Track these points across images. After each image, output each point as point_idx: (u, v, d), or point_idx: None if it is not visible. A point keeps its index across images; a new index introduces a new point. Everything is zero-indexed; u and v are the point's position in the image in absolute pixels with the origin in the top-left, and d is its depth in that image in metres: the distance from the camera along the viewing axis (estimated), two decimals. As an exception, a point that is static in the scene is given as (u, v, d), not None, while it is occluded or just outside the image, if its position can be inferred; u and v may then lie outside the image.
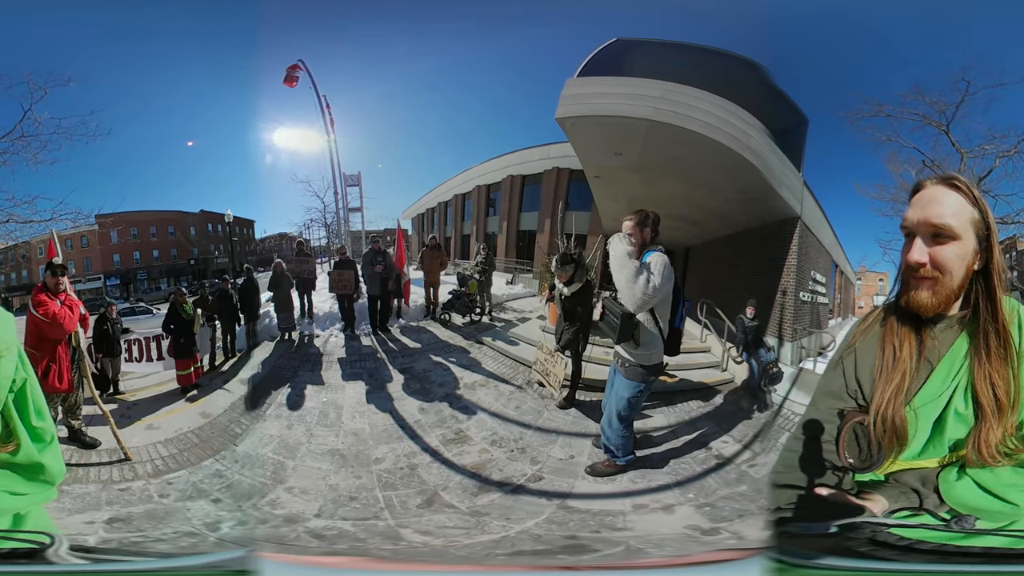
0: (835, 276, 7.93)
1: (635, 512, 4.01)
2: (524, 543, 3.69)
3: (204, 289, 7.01)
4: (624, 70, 6.83)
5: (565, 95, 6.57)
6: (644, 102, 6.27)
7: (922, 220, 1.54)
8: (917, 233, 1.56)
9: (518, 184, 9.09)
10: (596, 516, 3.99)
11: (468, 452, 4.86)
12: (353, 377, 6.17)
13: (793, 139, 6.70)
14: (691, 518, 3.92)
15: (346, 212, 8.96)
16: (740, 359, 6.25)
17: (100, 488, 4.35)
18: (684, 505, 4.07)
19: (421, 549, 3.68)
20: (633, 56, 6.93)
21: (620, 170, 7.29)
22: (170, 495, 4.34)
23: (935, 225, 1.52)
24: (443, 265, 8.18)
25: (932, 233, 1.53)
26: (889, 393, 1.61)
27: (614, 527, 3.84)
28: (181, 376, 6.13)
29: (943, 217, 1.51)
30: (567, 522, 3.93)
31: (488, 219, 9.77)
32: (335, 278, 7.34)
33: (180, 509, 4.15)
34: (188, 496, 4.34)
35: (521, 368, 6.43)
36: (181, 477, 4.58)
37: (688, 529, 3.79)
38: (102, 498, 4.21)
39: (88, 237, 7.53)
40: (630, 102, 6.37)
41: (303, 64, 7.70)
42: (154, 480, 4.52)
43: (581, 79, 6.77)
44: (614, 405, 4.30)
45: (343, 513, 4.06)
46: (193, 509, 4.15)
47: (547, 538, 3.75)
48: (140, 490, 4.38)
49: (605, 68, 6.79)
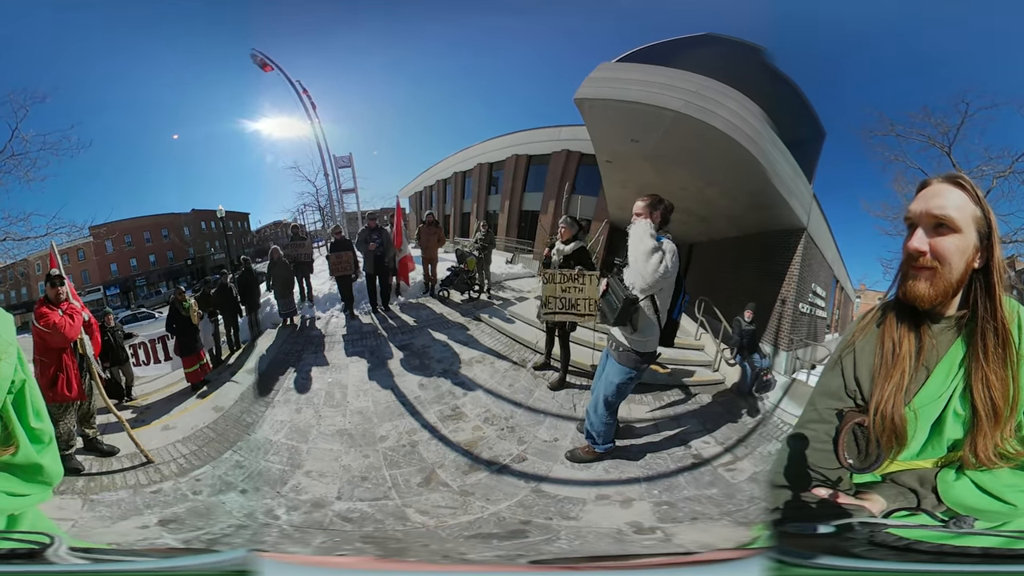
0: (835, 291, 7.93)
1: (595, 502, 4.05)
2: (488, 525, 3.76)
3: (206, 285, 7.02)
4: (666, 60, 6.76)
5: (593, 77, 6.50)
6: (677, 94, 6.24)
7: (924, 211, 1.56)
8: (919, 224, 1.58)
9: (523, 163, 8.98)
10: (559, 503, 4.03)
11: (463, 429, 4.96)
12: (355, 355, 6.27)
13: (809, 150, 6.69)
14: (640, 515, 3.94)
15: (340, 194, 8.91)
16: (733, 361, 6.24)
17: (131, 493, 4.40)
18: (644, 501, 4.09)
19: (418, 530, 3.74)
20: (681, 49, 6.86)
21: (634, 157, 7.24)
22: (203, 492, 4.41)
23: (937, 216, 1.54)
24: (441, 242, 8.15)
25: (934, 224, 1.55)
26: (889, 390, 1.61)
27: (567, 515, 3.89)
28: (189, 373, 6.19)
29: (944, 209, 1.54)
30: (532, 506, 3.99)
31: (489, 197, 9.66)
32: (334, 261, 7.31)
33: (217, 504, 4.26)
34: (219, 490, 4.43)
35: (517, 346, 6.46)
36: (207, 472, 4.66)
37: (626, 525, 3.81)
38: (138, 502, 4.28)
39: (84, 250, 7.47)
40: (662, 91, 6.32)
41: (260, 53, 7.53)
42: (182, 479, 4.59)
43: (616, 63, 6.70)
44: (602, 390, 4.29)
45: (359, 494, 4.16)
46: (229, 502, 4.24)
47: (507, 521, 3.81)
48: (172, 489, 4.44)
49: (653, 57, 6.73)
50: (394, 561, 3.18)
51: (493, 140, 9.38)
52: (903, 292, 1.62)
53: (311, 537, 3.69)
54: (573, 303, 5.05)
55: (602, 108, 6.66)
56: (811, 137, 6.65)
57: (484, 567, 3.07)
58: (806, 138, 6.62)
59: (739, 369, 6.11)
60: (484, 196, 9.69)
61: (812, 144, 6.69)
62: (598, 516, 3.90)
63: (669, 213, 4.15)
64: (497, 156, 9.34)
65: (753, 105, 6.31)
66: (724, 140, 6.17)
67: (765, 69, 6.36)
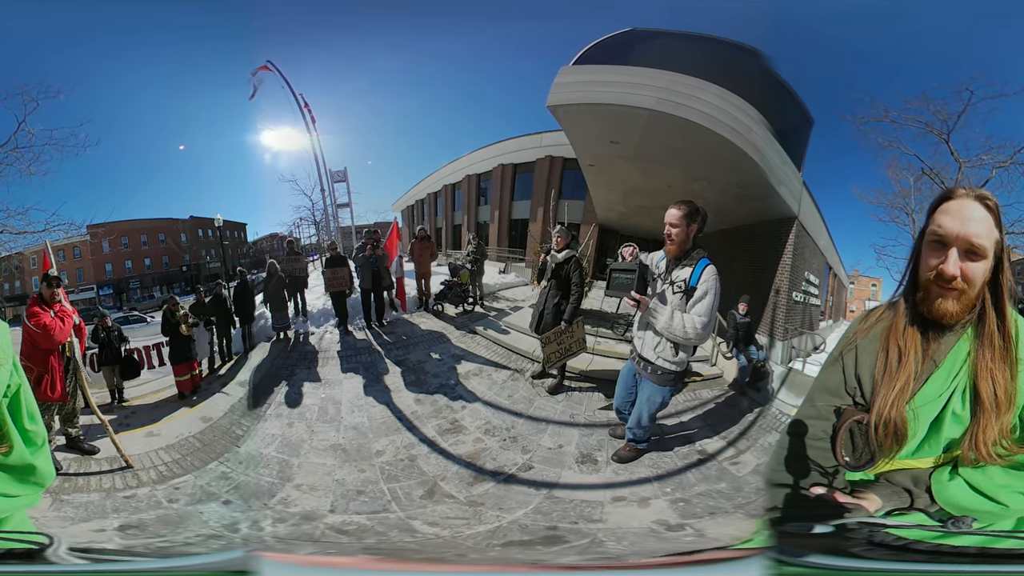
0: (828, 278, 7.94)
1: (612, 504, 4.03)
2: (513, 533, 3.72)
3: (200, 294, 7.00)
4: (627, 59, 6.75)
5: (558, 83, 6.48)
6: (646, 91, 6.19)
7: (962, 235, 1.56)
8: (954, 245, 1.58)
9: (510, 173, 9.02)
10: (577, 507, 4.01)
11: (463, 442, 4.91)
12: (349, 372, 6.21)
13: (796, 139, 6.67)
14: (662, 513, 3.93)
15: (335, 208, 8.97)
16: (730, 355, 6.24)
17: (104, 496, 4.36)
18: (659, 499, 4.08)
19: (433, 540, 3.70)
20: (638, 45, 6.85)
21: (616, 159, 7.24)
22: (179, 500, 4.37)
23: (974, 244, 1.56)
24: (433, 256, 8.16)
25: (967, 249, 1.56)
26: (893, 396, 1.63)
27: (591, 519, 3.86)
28: (180, 382, 6.15)
29: (981, 237, 1.55)
30: (551, 512, 3.96)
31: (479, 208, 9.69)
32: (329, 277, 7.29)
33: (193, 513, 4.19)
34: (198, 500, 4.37)
35: (513, 356, 6.46)
36: (187, 482, 4.61)
37: (655, 524, 3.81)
38: (107, 506, 4.24)
39: (80, 248, 7.57)
40: (631, 91, 6.30)
41: (272, 65, 7.60)
42: (160, 486, 4.55)
43: (575, 67, 6.67)
44: (646, 410, 4.16)
45: (355, 507, 4.11)
46: (207, 512, 4.18)
47: (532, 528, 3.77)
48: (147, 496, 4.40)
49: (608, 56, 6.71)
50: (394, 561, 3.17)
51: (479, 151, 9.42)
52: (928, 310, 1.64)
53: (298, 548, 3.65)
54: (567, 348, 5.50)
55: (576, 112, 6.65)
56: (798, 125, 6.65)
57: (484, 567, 3.07)
58: (793, 127, 6.61)
59: (736, 362, 6.12)
60: (474, 207, 9.73)
61: (799, 132, 6.69)
62: (621, 517, 3.89)
63: (705, 223, 3.82)
64: (484, 167, 9.38)
65: (735, 97, 6.27)
66: (706, 134, 6.14)
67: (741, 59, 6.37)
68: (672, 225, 3.74)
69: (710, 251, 3.80)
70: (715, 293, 3.67)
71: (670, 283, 3.82)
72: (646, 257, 4.12)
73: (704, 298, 3.66)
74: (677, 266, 3.81)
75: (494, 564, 3.23)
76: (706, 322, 3.65)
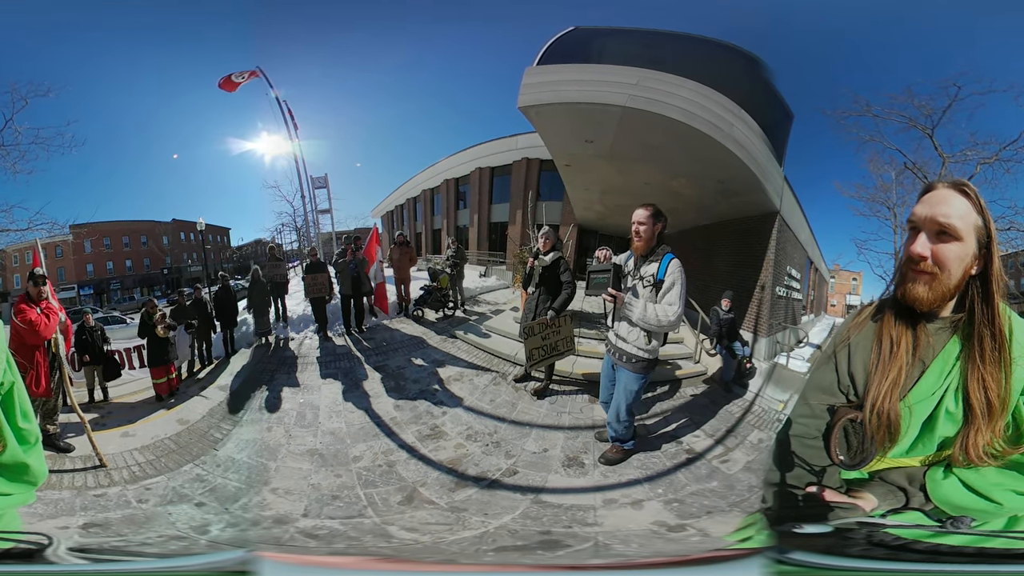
0: (810, 273, 7.98)
1: (605, 507, 4.03)
2: (503, 538, 3.69)
3: (181, 297, 6.92)
4: (592, 58, 6.72)
5: (526, 84, 6.42)
6: (617, 89, 6.14)
7: (929, 217, 1.60)
8: (923, 228, 1.62)
9: (487, 176, 9.02)
10: (568, 511, 3.99)
11: (444, 447, 4.85)
12: (328, 378, 6.17)
13: (777, 133, 6.69)
14: (659, 514, 3.94)
15: (315, 214, 8.92)
16: (713, 352, 6.22)
17: (75, 494, 4.34)
18: (653, 501, 4.09)
19: (414, 546, 3.69)
20: (602, 44, 6.83)
21: (592, 158, 7.20)
22: (149, 500, 4.35)
23: (941, 224, 1.58)
24: (412, 261, 8.14)
25: (937, 231, 1.59)
26: (886, 387, 1.64)
27: (585, 522, 3.86)
28: (157, 385, 6.08)
29: (949, 217, 1.58)
30: (541, 517, 3.94)
31: (458, 212, 9.69)
32: (309, 283, 7.26)
33: (161, 514, 4.19)
34: (169, 501, 4.35)
35: (495, 360, 6.39)
36: (160, 483, 4.58)
37: (655, 526, 3.82)
38: (76, 504, 4.21)
39: (62, 247, 7.59)
40: (601, 89, 6.25)
41: (261, 71, 7.53)
42: (131, 486, 4.52)
43: (543, 67, 6.61)
44: (623, 400, 4.33)
45: (328, 512, 4.08)
46: (176, 513, 4.17)
47: (523, 533, 3.76)
48: (117, 495, 4.38)
49: (568, 56, 6.66)
50: (394, 561, 3.19)
51: (457, 155, 9.42)
52: (902, 293, 1.66)
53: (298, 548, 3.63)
54: (553, 346, 5.42)
55: (548, 112, 6.58)
56: (778, 120, 6.66)
57: (484, 567, 3.06)
58: (774, 121, 6.61)
59: (720, 359, 6.09)
60: (453, 211, 9.71)
61: (780, 127, 6.70)
62: (617, 520, 3.90)
63: (666, 225, 4.17)
64: (462, 170, 9.38)
65: (714, 92, 6.25)
66: (685, 130, 6.09)
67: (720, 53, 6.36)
68: (640, 223, 4.09)
69: (689, 246, 3.88)
70: (682, 283, 4.00)
71: (640, 278, 4.14)
72: (617, 258, 4.40)
73: (672, 288, 3.99)
74: (644, 263, 4.14)
75: (494, 564, 3.23)
76: (677, 309, 3.96)
